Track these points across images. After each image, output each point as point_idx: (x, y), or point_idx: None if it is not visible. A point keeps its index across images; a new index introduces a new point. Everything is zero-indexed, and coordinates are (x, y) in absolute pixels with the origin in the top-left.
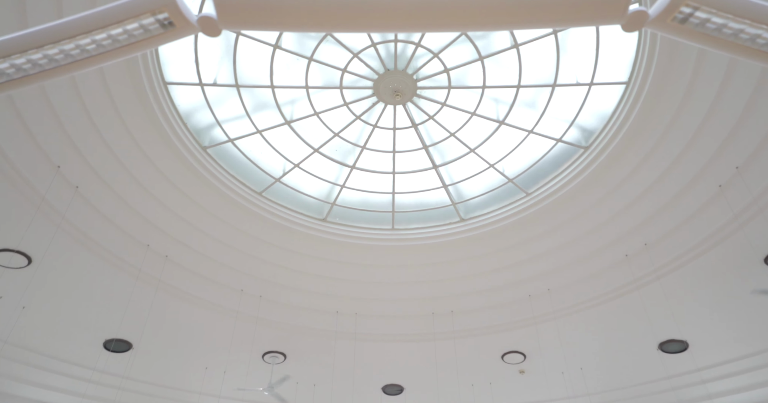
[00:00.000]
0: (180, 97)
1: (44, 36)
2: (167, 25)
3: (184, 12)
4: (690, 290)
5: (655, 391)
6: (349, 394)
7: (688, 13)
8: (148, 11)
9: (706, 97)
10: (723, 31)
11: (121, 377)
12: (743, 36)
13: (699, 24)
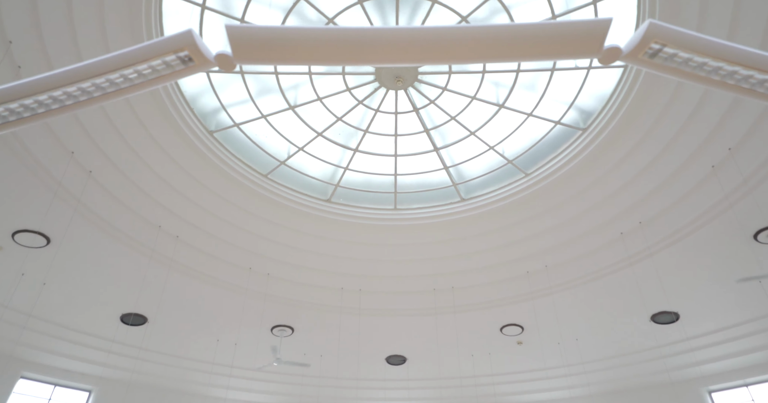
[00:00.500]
0: (186, 82)
1: (78, 73)
2: (187, 62)
3: (203, 50)
4: (682, 265)
5: (646, 359)
6: (354, 364)
7: (657, 49)
8: (171, 50)
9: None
10: (689, 64)
11: (138, 348)
12: (707, 68)
13: (667, 58)
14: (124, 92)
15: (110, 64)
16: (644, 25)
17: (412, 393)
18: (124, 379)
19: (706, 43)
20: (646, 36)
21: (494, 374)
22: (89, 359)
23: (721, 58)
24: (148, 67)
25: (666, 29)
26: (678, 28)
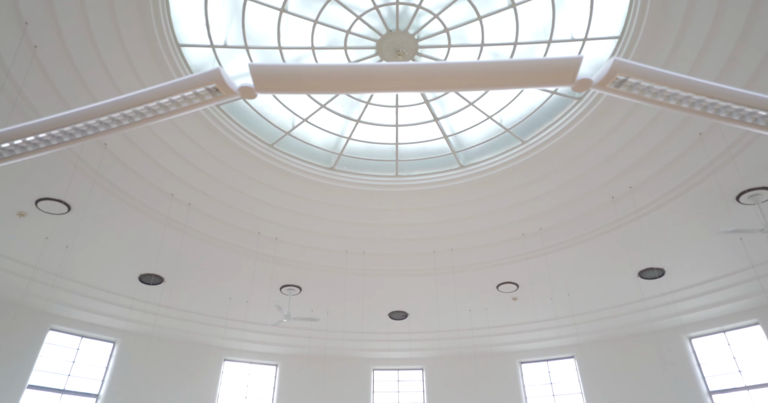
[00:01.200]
0: (191, 55)
1: (122, 103)
2: (215, 92)
3: (228, 83)
4: (668, 226)
5: (632, 311)
6: (358, 319)
7: (621, 79)
8: (202, 84)
9: (692, 52)
10: (649, 91)
11: (156, 305)
12: (665, 94)
13: (631, 86)
14: (159, 118)
15: (149, 96)
16: (610, 62)
17: (413, 345)
18: (146, 332)
19: (662, 75)
20: (612, 70)
21: (490, 326)
22: (112, 314)
23: (676, 87)
24: (182, 98)
25: (628, 64)
26: (638, 63)
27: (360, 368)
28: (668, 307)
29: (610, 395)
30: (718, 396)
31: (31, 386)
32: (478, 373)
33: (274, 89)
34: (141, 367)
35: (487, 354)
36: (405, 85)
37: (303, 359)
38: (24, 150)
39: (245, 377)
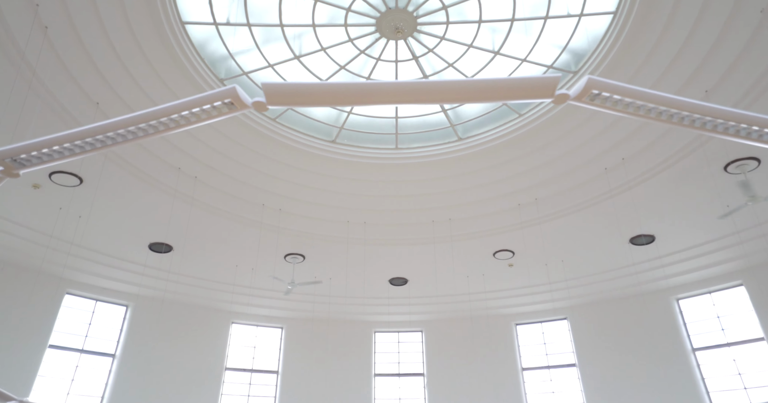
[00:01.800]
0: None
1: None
2: (230, 105)
3: (242, 98)
4: (660, 195)
5: (623, 275)
6: (360, 285)
7: (595, 93)
8: (219, 99)
9: (684, 26)
10: (621, 102)
11: (166, 272)
12: (635, 105)
13: (604, 99)
14: (179, 127)
15: (173, 110)
16: (584, 79)
17: (413, 309)
18: (157, 296)
19: (630, 90)
20: (586, 87)
21: (487, 291)
22: (124, 280)
23: (642, 100)
24: (201, 110)
25: (600, 82)
26: (608, 80)
27: (362, 331)
28: (657, 271)
29: (600, 353)
30: (700, 353)
31: (52, 346)
32: (475, 334)
33: (283, 103)
34: (153, 329)
35: (483, 317)
36: (402, 100)
37: (307, 322)
38: (61, 155)
39: (252, 339)
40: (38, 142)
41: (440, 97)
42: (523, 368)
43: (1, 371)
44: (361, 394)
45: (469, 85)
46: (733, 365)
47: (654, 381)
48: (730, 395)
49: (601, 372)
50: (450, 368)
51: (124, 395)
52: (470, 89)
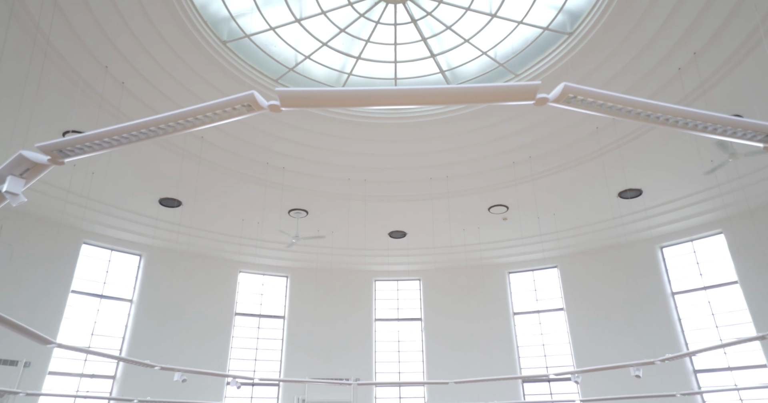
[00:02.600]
0: None
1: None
2: (248, 107)
3: (259, 102)
4: (647, 152)
5: (611, 226)
6: (361, 238)
7: (572, 97)
8: (240, 103)
9: None
10: (596, 104)
11: (176, 224)
12: (606, 106)
13: (580, 101)
14: (203, 124)
15: (199, 111)
16: (561, 86)
17: (411, 259)
18: (168, 247)
19: (600, 94)
20: (563, 92)
21: (481, 242)
22: (137, 231)
23: (612, 101)
24: (222, 111)
25: (574, 87)
26: (582, 86)
27: (363, 279)
28: (643, 222)
29: (587, 298)
30: (679, 296)
31: (74, 291)
32: (470, 282)
33: (295, 106)
34: (166, 277)
35: (478, 266)
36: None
37: (311, 272)
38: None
39: (259, 287)
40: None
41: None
42: (515, 312)
43: (30, 315)
44: (363, 337)
45: (461, 91)
46: (708, 307)
47: (635, 323)
48: (703, 334)
49: (587, 315)
50: (446, 313)
51: (143, 337)
52: (462, 94)
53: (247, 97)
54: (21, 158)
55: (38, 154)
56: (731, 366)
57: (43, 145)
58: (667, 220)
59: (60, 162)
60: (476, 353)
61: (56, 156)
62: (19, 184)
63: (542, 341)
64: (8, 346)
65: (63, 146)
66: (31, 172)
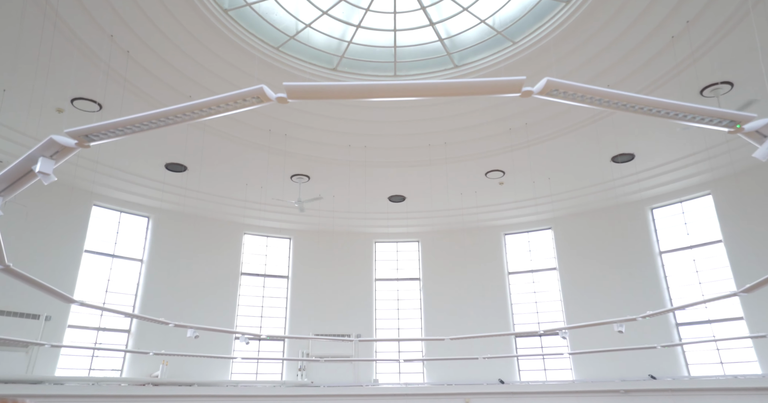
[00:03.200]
0: None
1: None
2: (257, 99)
3: (268, 94)
4: (640, 118)
5: (604, 189)
6: (361, 202)
7: (554, 90)
8: (250, 95)
9: None
10: (576, 95)
11: (183, 188)
12: (588, 98)
13: (562, 94)
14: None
15: (213, 102)
16: (544, 81)
17: (410, 222)
18: (175, 210)
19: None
20: (546, 86)
21: (478, 206)
22: (144, 195)
23: (590, 94)
24: (234, 102)
25: (556, 82)
26: (563, 81)
27: (363, 241)
28: (635, 185)
29: (579, 258)
30: (666, 255)
31: (88, 251)
32: (467, 244)
33: (301, 98)
34: (174, 238)
35: (474, 228)
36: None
37: (313, 234)
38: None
39: (263, 248)
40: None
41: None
42: (509, 272)
43: (46, 274)
44: (364, 296)
45: (453, 86)
46: (693, 265)
47: (623, 281)
48: (687, 290)
49: (578, 275)
50: (443, 274)
51: (154, 295)
52: (455, 88)
53: (257, 91)
54: (51, 142)
55: (67, 139)
56: (711, 319)
57: (71, 131)
58: (658, 182)
59: (86, 145)
60: (472, 311)
61: (83, 140)
62: (49, 165)
63: (535, 299)
64: (29, 301)
65: (89, 132)
66: (60, 154)
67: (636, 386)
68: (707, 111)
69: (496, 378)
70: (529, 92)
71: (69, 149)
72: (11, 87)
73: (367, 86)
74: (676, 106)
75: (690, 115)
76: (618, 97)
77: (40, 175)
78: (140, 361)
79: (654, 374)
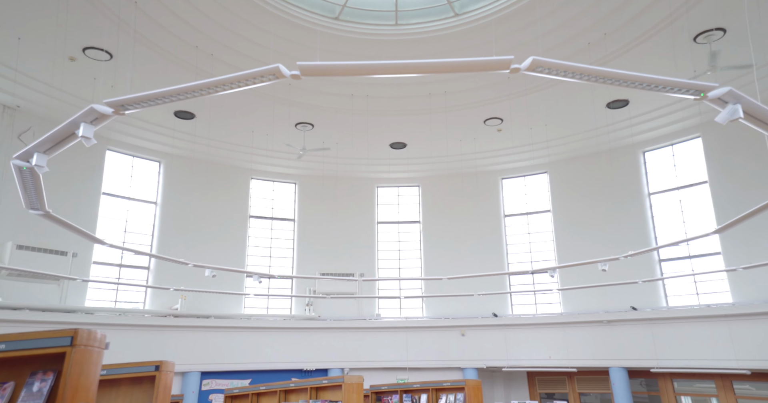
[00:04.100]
0: None
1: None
2: (274, 76)
3: (283, 72)
4: (636, 64)
5: (598, 134)
6: (363, 148)
7: (539, 67)
8: (267, 73)
9: None
10: (556, 71)
11: (191, 134)
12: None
13: (547, 69)
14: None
15: (235, 78)
16: (529, 59)
17: (411, 167)
18: (184, 155)
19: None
20: (532, 64)
21: (477, 152)
22: (155, 140)
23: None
24: (253, 78)
25: (541, 60)
26: (546, 59)
27: (365, 186)
28: (628, 129)
29: (573, 200)
30: (654, 196)
31: (105, 193)
32: (465, 188)
33: (311, 75)
34: (185, 183)
35: (472, 173)
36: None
37: (318, 179)
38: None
39: (270, 193)
40: (137, 97)
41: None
42: (505, 214)
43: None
44: (366, 238)
45: (449, 64)
46: (678, 205)
47: (613, 222)
48: (672, 229)
49: (571, 216)
50: (442, 216)
51: (169, 236)
52: (450, 66)
53: (273, 69)
54: (91, 110)
55: (105, 107)
56: (691, 255)
57: (109, 101)
58: (651, 126)
59: (121, 113)
60: (469, 252)
61: (118, 109)
62: (90, 130)
63: (529, 240)
64: (55, 238)
65: (124, 103)
66: (99, 120)
67: (618, 316)
68: (677, 82)
69: (490, 312)
70: (517, 69)
71: (106, 116)
72: (26, 35)
73: (372, 65)
74: (650, 79)
75: (662, 86)
76: (596, 73)
77: (83, 139)
78: (160, 295)
79: (635, 306)
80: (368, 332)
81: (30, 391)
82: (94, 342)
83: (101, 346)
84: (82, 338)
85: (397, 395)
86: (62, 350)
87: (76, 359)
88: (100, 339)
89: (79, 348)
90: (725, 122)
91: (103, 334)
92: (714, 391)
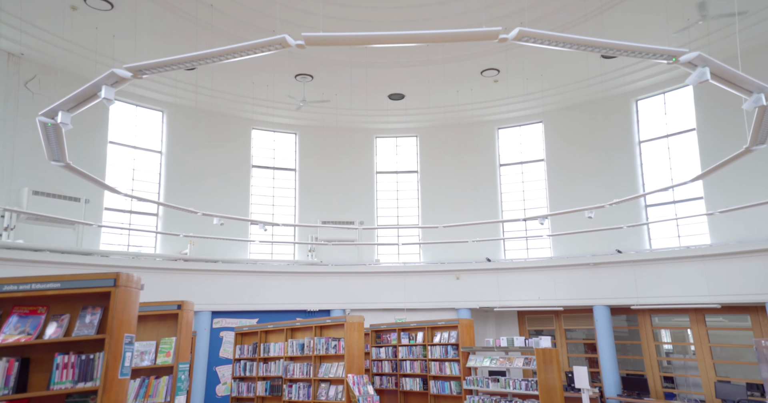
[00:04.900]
0: None
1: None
2: (280, 46)
3: (289, 42)
4: (629, 15)
5: (591, 84)
6: (363, 100)
7: (525, 37)
8: (275, 43)
9: None
10: (542, 40)
11: (192, 85)
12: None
13: (533, 39)
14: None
15: (245, 47)
16: (516, 30)
17: (409, 118)
18: (187, 105)
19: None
20: (518, 34)
21: (473, 102)
22: (158, 90)
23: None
24: (261, 48)
25: (527, 31)
26: (532, 29)
27: (364, 136)
28: (622, 78)
29: (566, 149)
30: (644, 144)
31: (112, 142)
32: (462, 138)
33: (317, 44)
34: (188, 132)
35: (469, 123)
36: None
37: (318, 129)
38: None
39: (271, 143)
40: (154, 63)
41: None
42: (501, 164)
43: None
44: (365, 187)
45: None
46: (667, 152)
47: (603, 169)
48: (660, 176)
49: (564, 164)
50: (439, 166)
51: (175, 185)
52: (443, 36)
53: (280, 39)
54: (112, 74)
55: (125, 72)
56: (675, 200)
57: (129, 66)
58: (644, 75)
59: (139, 77)
60: (464, 200)
61: (137, 74)
62: (111, 92)
63: (523, 188)
64: (68, 185)
65: (142, 68)
66: (118, 83)
67: (603, 259)
68: (651, 49)
69: (484, 257)
70: (505, 39)
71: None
72: None
73: (374, 36)
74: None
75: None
76: (579, 41)
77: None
78: (170, 241)
79: (621, 249)
80: (368, 276)
81: (83, 322)
82: (132, 284)
83: (137, 287)
84: (122, 280)
85: (395, 333)
86: (107, 290)
87: (120, 297)
88: (137, 281)
89: (121, 288)
90: (694, 84)
91: (138, 277)
92: (688, 324)
